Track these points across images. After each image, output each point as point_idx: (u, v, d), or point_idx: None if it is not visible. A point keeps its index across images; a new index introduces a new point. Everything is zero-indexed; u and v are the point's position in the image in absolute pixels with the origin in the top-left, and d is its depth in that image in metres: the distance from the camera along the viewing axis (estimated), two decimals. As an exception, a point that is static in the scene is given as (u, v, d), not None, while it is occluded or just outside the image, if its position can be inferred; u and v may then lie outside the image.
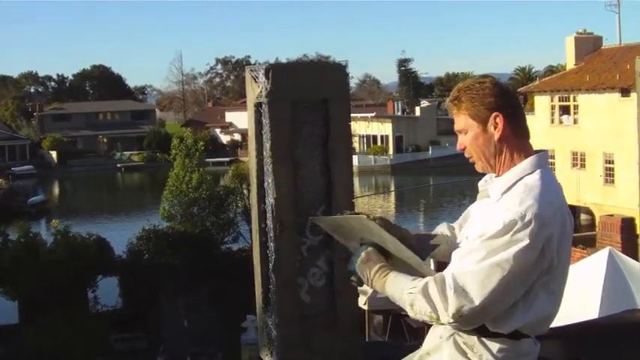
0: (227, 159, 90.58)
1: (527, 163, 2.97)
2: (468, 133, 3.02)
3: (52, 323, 23.63)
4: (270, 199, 3.71)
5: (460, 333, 2.94)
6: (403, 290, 2.90)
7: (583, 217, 45.95)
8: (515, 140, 3.00)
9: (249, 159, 3.95)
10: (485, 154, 3.02)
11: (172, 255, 27.81)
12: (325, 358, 3.69)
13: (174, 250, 27.96)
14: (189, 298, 24.59)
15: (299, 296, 3.75)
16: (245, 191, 31.05)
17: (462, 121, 3.02)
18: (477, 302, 2.77)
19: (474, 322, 2.84)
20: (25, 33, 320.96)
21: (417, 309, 2.86)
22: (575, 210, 46.37)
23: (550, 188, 2.91)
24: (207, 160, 47.06)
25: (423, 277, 2.89)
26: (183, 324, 23.11)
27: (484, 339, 2.91)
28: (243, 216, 31.61)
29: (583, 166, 44.81)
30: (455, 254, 2.90)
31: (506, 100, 2.97)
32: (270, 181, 3.70)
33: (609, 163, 42.96)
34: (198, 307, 24.41)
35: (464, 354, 2.95)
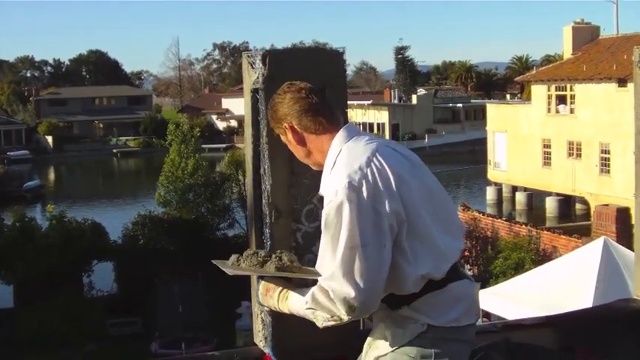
0: (223, 145, 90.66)
1: (332, 146, 3.09)
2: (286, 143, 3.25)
3: (46, 307, 23.66)
4: (266, 186, 3.71)
5: (394, 309, 3.01)
6: (302, 307, 3.04)
7: (578, 206, 46.06)
8: (317, 136, 3.14)
9: (245, 145, 3.95)
10: (300, 156, 3.25)
11: (168, 240, 27.82)
12: (320, 345, 3.69)
13: (170, 235, 27.96)
14: (184, 283, 24.60)
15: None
16: (241, 177, 31.02)
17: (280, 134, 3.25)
18: (356, 290, 2.84)
19: (371, 306, 2.91)
20: (21, 17, 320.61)
21: (320, 320, 2.99)
22: (570, 199, 46.49)
23: (355, 154, 2.98)
24: (203, 146, 46.95)
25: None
26: (178, 309, 23.14)
27: (412, 304, 2.99)
28: (238, 202, 31.62)
29: (579, 155, 44.89)
30: (318, 261, 3.00)
31: (289, 109, 3.15)
32: (266, 167, 3.70)
33: (605, 153, 43.04)
34: (193, 292, 24.44)
35: (402, 326, 3.01)
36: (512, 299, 15.22)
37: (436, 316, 2.97)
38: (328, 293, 2.90)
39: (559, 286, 14.26)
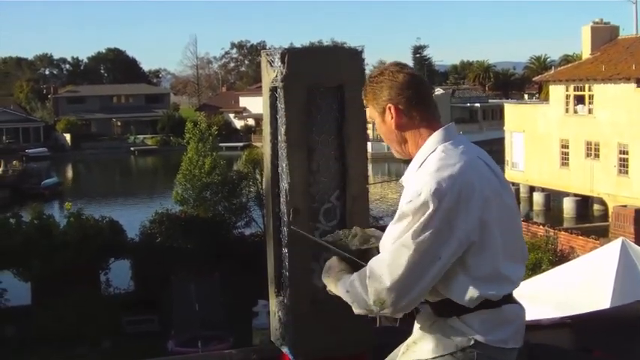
0: (240, 144, 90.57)
1: (428, 142, 3.04)
2: (376, 123, 3.17)
3: (63, 305, 23.72)
4: (284, 184, 3.71)
5: (442, 317, 3.00)
6: (343, 290, 3.03)
7: (596, 207, 45.80)
8: (416, 126, 3.08)
9: (264, 143, 3.95)
10: (391, 141, 3.15)
11: (184, 239, 27.84)
12: (337, 344, 3.69)
13: (187, 234, 27.98)
14: (201, 282, 24.60)
15: (311, 281, 3.75)
16: (258, 176, 31.02)
17: (369, 111, 3.19)
18: (390, 286, 2.84)
19: (401, 306, 2.89)
20: (40, 15, 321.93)
21: (355, 307, 2.99)
22: (588, 200, 46.26)
23: (449, 160, 2.93)
24: (221, 144, 47.03)
25: None
26: (195, 308, 23.13)
27: (463, 316, 2.96)
28: (255, 201, 31.63)
29: (597, 156, 44.63)
30: (381, 241, 3.00)
31: (402, 90, 3.07)
32: (284, 165, 3.70)
33: (623, 153, 42.78)
34: (210, 291, 24.43)
35: (448, 336, 2.98)
36: (530, 300, 15.13)
37: (485, 333, 2.95)
38: (364, 279, 2.90)
39: (576, 287, 14.19)
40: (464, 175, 2.89)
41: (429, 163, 2.96)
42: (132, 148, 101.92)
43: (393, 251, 2.86)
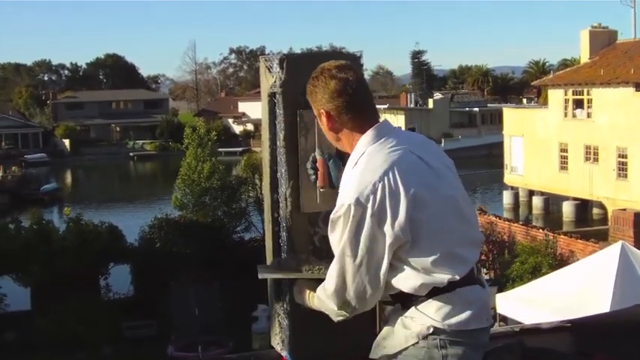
0: (239, 149, 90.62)
1: (359, 145, 3.08)
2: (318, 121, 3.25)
3: (63, 310, 23.71)
4: (283, 189, 3.72)
5: (404, 309, 3.05)
6: (319, 308, 3.21)
7: (595, 211, 45.82)
8: (349, 129, 3.11)
9: (263, 149, 3.95)
10: (330, 139, 3.23)
11: (184, 244, 27.86)
12: (337, 348, 3.69)
13: (186, 238, 28.00)
14: (200, 286, 24.61)
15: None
16: (257, 181, 31.06)
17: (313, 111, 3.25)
18: (345, 289, 3.00)
19: (364, 303, 3.05)
20: (39, 21, 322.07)
21: (333, 317, 3.14)
22: (587, 204, 46.27)
23: (373, 164, 2.97)
24: (220, 149, 46.91)
25: None
26: (194, 312, 23.15)
27: (420, 305, 3.00)
28: (254, 206, 31.66)
29: (596, 160, 44.66)
30: None
31: (332, 98, 3.09)
32: (283, 171, 3.70)
33: (622, 157, 42.81)
34: (209, 295, 24.44)
35: (409, 327, 3.02)
36: (529, 304, 15.18)
37: (443, 319, 2.97)
38: (324, 289, 3.08)
39: (576, 290, 14.20)
40: (387, 177, 2.91)
41: (357, 167, 3.00)
42: (131, 154, 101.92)
43: (338, 260, 2.98)
